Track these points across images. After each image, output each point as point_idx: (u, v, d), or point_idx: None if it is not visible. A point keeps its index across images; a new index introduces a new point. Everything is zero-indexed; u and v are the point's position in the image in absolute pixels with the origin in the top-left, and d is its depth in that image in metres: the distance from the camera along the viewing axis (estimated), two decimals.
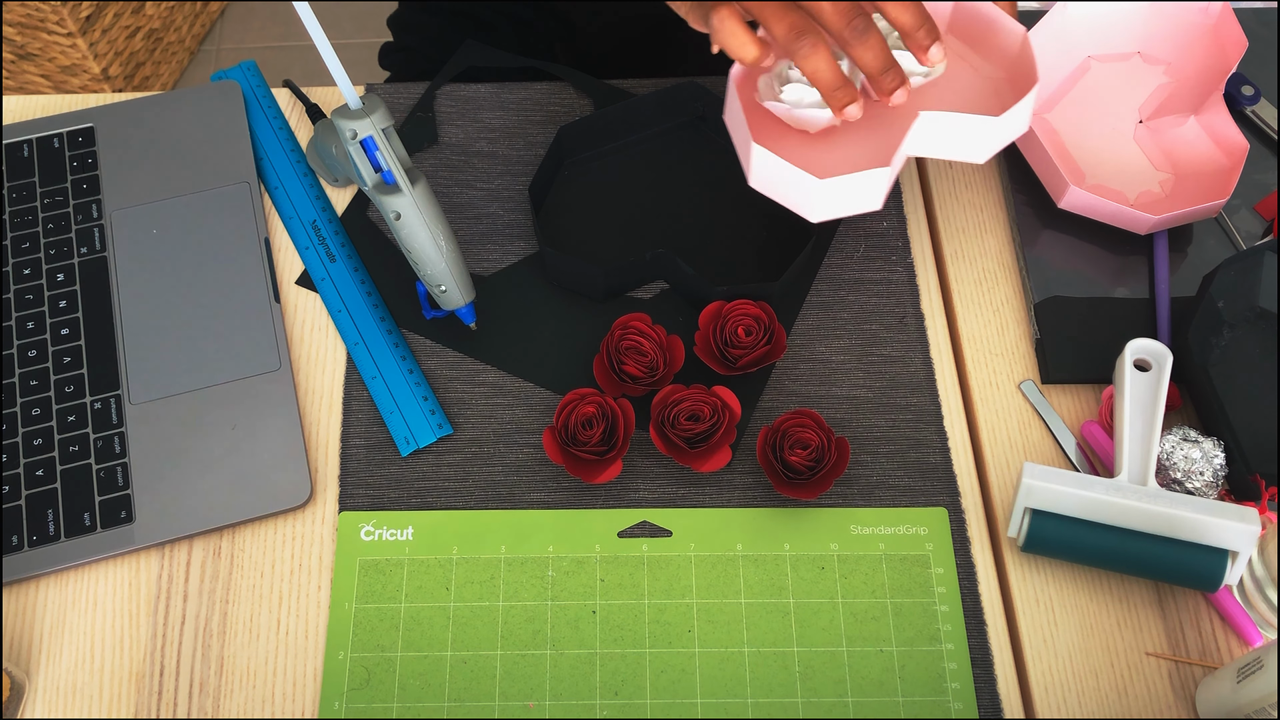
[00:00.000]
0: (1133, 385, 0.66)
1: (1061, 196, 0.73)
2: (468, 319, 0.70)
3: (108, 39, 1.69)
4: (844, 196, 0.64)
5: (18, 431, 0.67)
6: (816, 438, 0.65)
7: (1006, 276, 0.75)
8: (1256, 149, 0.78)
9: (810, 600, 0.64)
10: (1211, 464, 0.64)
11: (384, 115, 0.64)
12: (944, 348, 0.73)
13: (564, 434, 0.65)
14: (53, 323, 0.71)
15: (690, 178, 0.78)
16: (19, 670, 0.61)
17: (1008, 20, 0.68)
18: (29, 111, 0.81)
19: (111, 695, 0.62)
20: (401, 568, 0.65)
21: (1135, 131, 0.78)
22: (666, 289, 0.74)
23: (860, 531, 0.66)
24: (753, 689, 0.62)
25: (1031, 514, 0.63)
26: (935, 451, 0.69)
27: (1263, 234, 0.75)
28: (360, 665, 0.62)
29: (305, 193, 0.76)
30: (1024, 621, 0.64)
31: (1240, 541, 0.61)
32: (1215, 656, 0.63)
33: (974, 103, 0.68)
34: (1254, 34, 0.82)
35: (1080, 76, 0.79)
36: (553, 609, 0.64)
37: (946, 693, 0.62)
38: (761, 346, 0.68)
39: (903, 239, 0.76)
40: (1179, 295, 0.72)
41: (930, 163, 0.79)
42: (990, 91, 0.69)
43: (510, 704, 0.61)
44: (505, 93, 0.82)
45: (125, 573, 0.65)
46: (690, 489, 0.68)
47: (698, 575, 0.65)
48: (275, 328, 0.71)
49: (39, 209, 0.75)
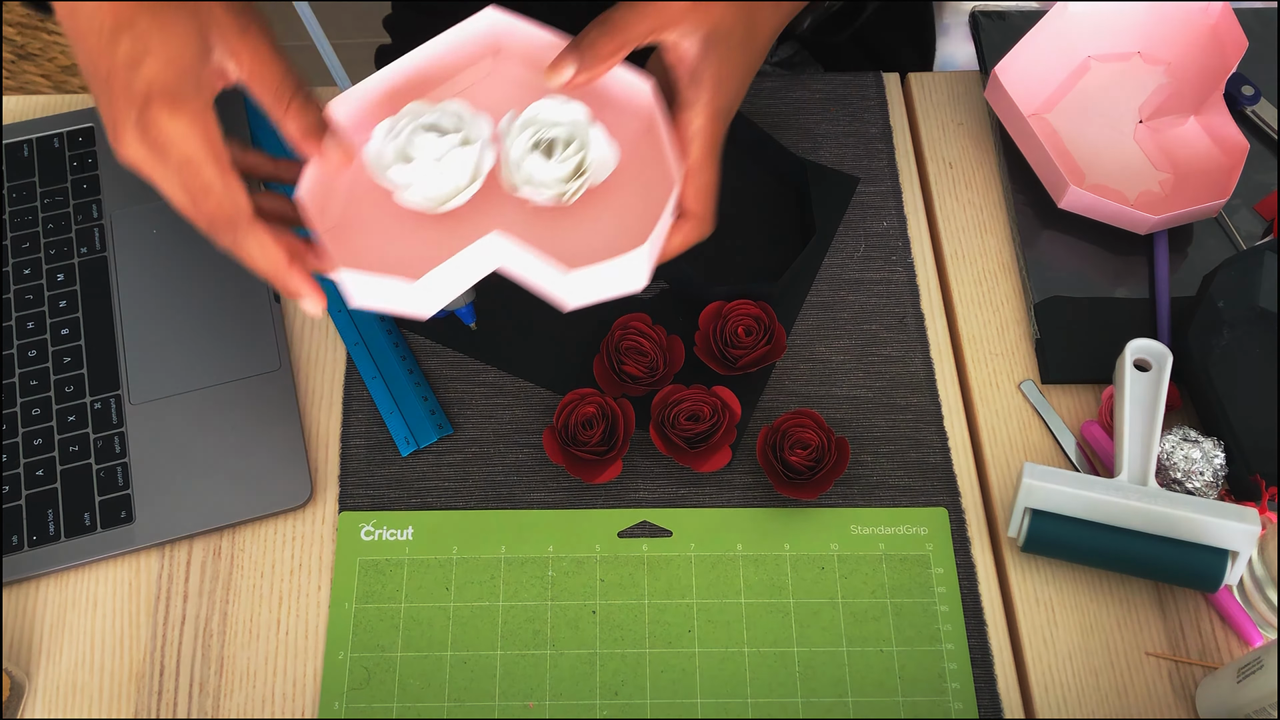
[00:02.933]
0: (1133, 385, 0.66)
1: (1061, 196, 0.73)
2: (468, 319, 0.70)
3: None
4: (382, 294, 0.54)
5: (18, 431, 0.67)
6: (816, 438, 0.65)
7: (1006, 276, 0.75)
8: (1256, 149, 0.78)
9: (810, 600, 0.64)
10: (1211, 464, 0.64)
11: None
12: (944, 348, 0.73)
13: (564, 434, 0.65)
14: (53, 323, 0.71)
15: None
16: (19, 670, 0.61)
17: (630, 80, 0.58)
18: (29, 111, 0.81)
19: (111, 695, 0.62)
20: (401, 568, 0.65)
21: (1135, 131, 0.78)
22: (666, 289, 0.74)
23: (860, 531, 0.66)
24: (753, 689, 0.62)
25: (1031, 514, 0.63)
26: (935, 451, 0.69)
27: (1263, 234, 0.75)
28: (360, 665, 0.62)
29: None
30: (1024, 621, 0.64)
31: (1240, 541, 0.61)
32: (1215, 656, 0.63)
33: (625, 226, 0.57)
34: (1254, 34, 0.82)
35: (1080, 76, 0.79)
36: (553, 609, 0.64)
37: (946, 693, 0.62)
38: (761, 346, 0.68)
39: (903, 239, 0.76)
40: (1179, 295, 0.72)
41: (930, 163, 0.79)
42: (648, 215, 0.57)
43: (510, 704, 0.61)
44: None
45: (125, 573, 0.65)
46: (690, 489, 0.68)
47: (698, 575, 0.65)
48: (275, 328, 0.71)
49: (39, 209, 0.75)
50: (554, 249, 0.55)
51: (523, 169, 0.55)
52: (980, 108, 0.82)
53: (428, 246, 0.56)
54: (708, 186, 0.58)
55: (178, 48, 0.51)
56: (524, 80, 0.60)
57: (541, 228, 0.57)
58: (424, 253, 0.56)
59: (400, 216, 0.57)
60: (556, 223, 0.57)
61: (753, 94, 0.81)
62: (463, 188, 0.55)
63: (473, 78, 0.61)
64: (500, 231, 0.53)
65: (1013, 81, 0.75)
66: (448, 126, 0.56)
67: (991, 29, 0.82)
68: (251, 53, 0.52)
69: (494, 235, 0.53)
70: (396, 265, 0.55)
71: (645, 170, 0.58)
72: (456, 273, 0.54)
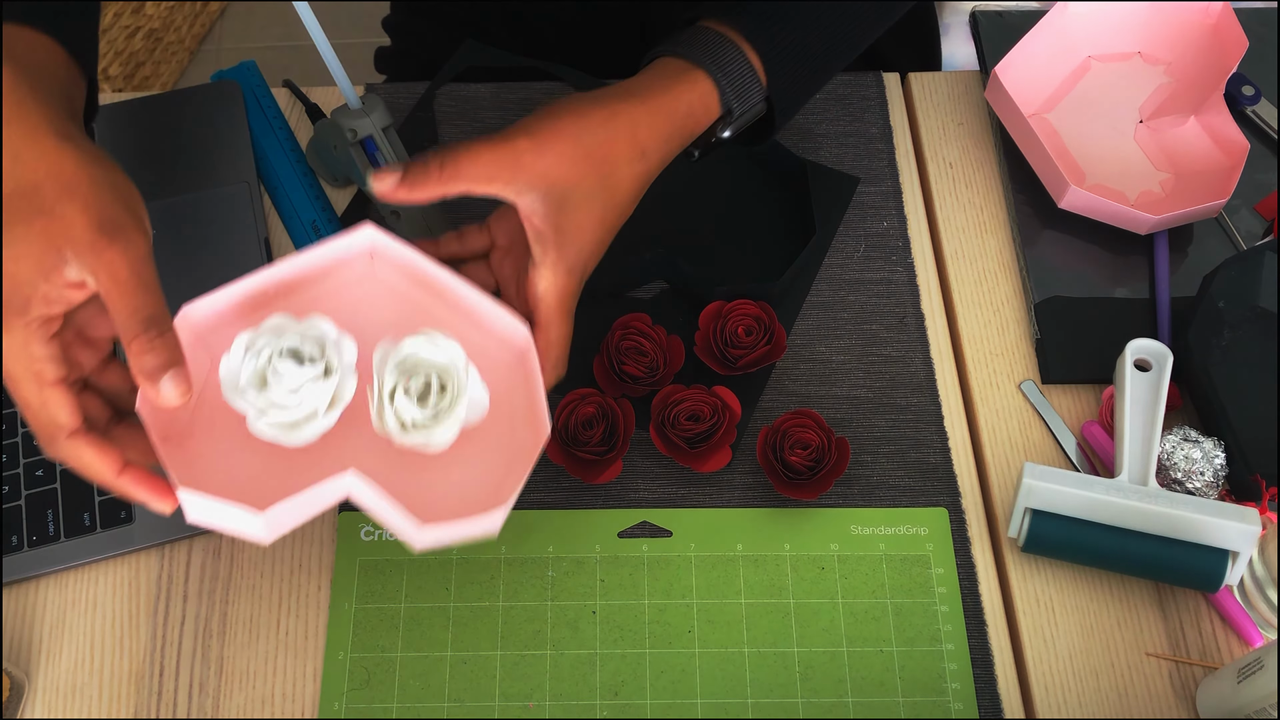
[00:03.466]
0: (1133, 385, 0.66)
1: (1061, 196, 0.73)
2: None
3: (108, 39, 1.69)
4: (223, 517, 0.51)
5: (17, 431, 0.67)
6: (817, 438, 0.65)
7: (1006, 276, 0.75)
8: (1256, 149, 0.78)
9: (810, 600, 0.64)
10: (1212, 464, 0.64)
11: (384, 115, 0.64)
12: (944, 348, 0.73)
13: (564, 434, 0.65)
14: None
15: (683, 177, 0.77)
16: (19, 670, 0.61)
17: (507, 320, 0.56)
18: None
19: (111, 695, 0.62)
20: (401, 568, 0.65)
21: (1135, 131, 0.78)
22: (666, 289, 0.74)
23: (860, 532, 0.66)
24: (753, 689, 0.62)
25: (1032, 514, 0.63)
26: (935, 451, 0.69)
27: (1263, 234, 0.75)
28: (360, 665, 0.62)
29: (305, 193, 0.76)
30: (1024, 621, 0.64)
31: (1240, 541, 0.61)
32: (1215, 656, 0.63)
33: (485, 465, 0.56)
34: (1254, 34, 0.82)
35: (1080, 76, 0.79)
36: (553, 609, 0.64)
37: (946, 693, 0.62)
38: (761, 346, 0.68)
39: (903, 239, 0.76)
40: (1179, 295, 0.72)
41: (930, 163, 0.79)
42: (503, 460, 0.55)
43: (510, 704, 0.61)
44: (505, 93, 0.82)
45: (125, 573, 0.65)
46: (690, 489, 0.68)
47: (698, 575, 0.65)
48: None
49: None
50: (412, 489, 0.53)
51: (389, 413, 0.52)
52: (980, 108, 0.82)
53: (278, 472, 0.53)
54: (558, 341, 0.58)
55: (15, 262, 0.49)
56: (398, 288, 0.58)
57: (402, 466, 0.54)
58: (273, 479, 0.52)
59: (251, 436, 0.53)
60: (418, 460, 0.55)
61: None
62: (318, 421, 0.52)
63: (347, 277, 0.58)
64: (356, 471, 0.50)
65: (1013, 81, 0.75)
66: (308, 352, 0.52)
67: (991, 29, 0.82)
68: (108, 275, 0.50)
69: (350, 474, 0.50)
70: (244, 487, 0.52)
71: (515, 412, 0.57)
72: (307, 505, 0.51)
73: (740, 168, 0.78)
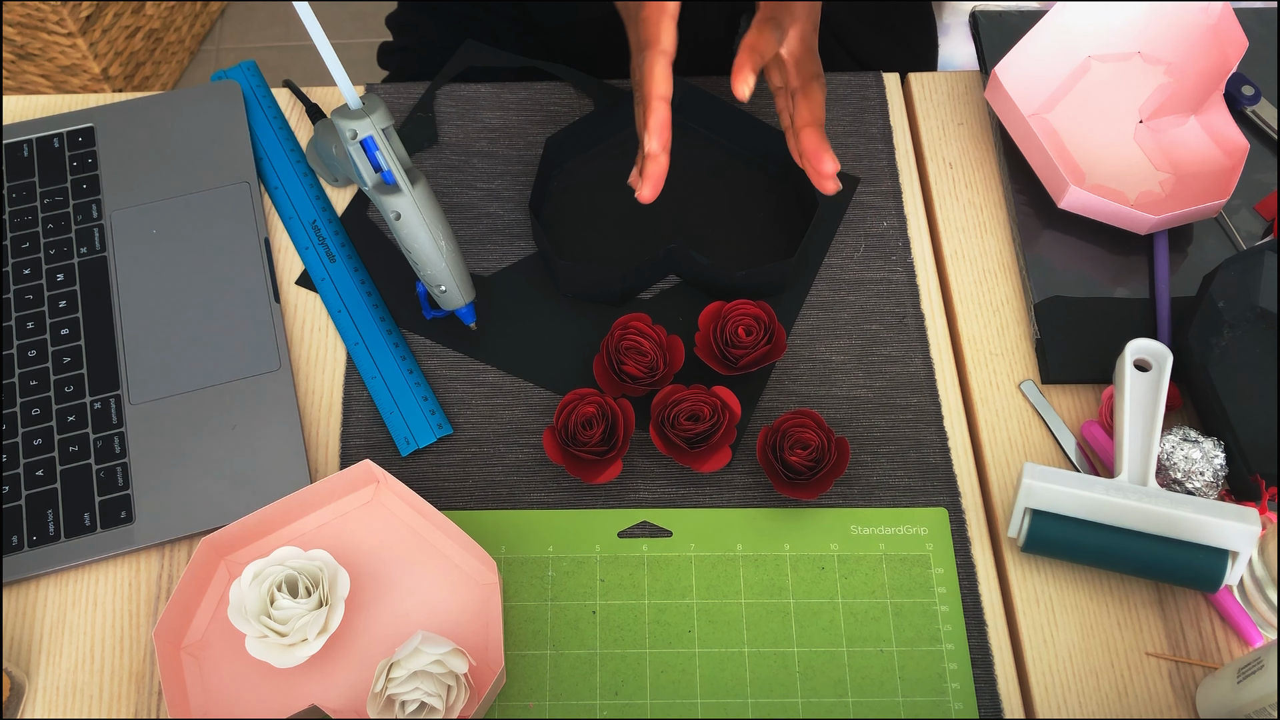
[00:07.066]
0: (1133, 385, 0.66)
1: (1061, 196, 0.73)
2: (468, 319, 0.70)
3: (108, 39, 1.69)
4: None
5: (18, 431, 0.67)
6: (816, 438, 0.65)
7: (1006, 276, 0.75)
8: (1256, 149, 0.78)
9: (810, 600, 0.64)
10: (1211, 464, 0.64)
11: (384, 115, 0.64)
12: (944, 348, 0.73)
13: (564, 434, 0.65)
14: (53, 323, 0.71)
15: (680, 169, 0.78)
16: (19, 670, 0.61)
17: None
18: (29, 111, 0.81)
19: (111, 695, 0.62)
20: None
21: (1135, 131, 0.78)
22: (667, 289, 0.74)
23: (860, 532, 0.66)
24: (753, 689, 0.62)
25: (1032, 514, 0.63)
26: (935, 452, 0.69)
27: (1263, 234, 0.75)
28: None
29: (305, 193, 0.76)
30: (1024, 621, 0.64)
31: (1240, 541, 0.61)
32: (1215, 656, 0.63)
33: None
34: (1254, 34, 0.82)
35: (1080, 76, 0.79)
36: (552, 609, 0.64)
37: (946, 693, 0.62)
38: (761, 346, 0.68)
39: (903, 239, 0.76)
40: (1179, 295, 0.72)
41: (930, 162, 0.79)
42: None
43: (510, 704, 0.61)
44: (505, 93, 0.82)
45: (125, 573, 0.65)
46: (690, 489, 0.68)
47: (698, 575, 0.65)
48: (275, 328, 0.71)
49: (39, 209, 0.75)
50: None
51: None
52: (980, 108, 0.82)
53: (261, 692, 0.61)
54: None
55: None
56: (398, 513, 0.65)
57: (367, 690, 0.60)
58: (256, 697, 0.60)
59: (246, 654, 0.61)
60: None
61: (756, 94, 0.81)
62: (306, 648, 0.59)
63: (355, 503, 0.65)
64: (316, 706, 0.57)
65: (1013, 81, 0.76)
66: (307, 584, 0.60)
67: (991, 29, 0.82)
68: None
69: (312, 708, 0.56)
70: (234, 699, 0.60)
71: (473, 637, 0.62)
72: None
73: (742, 169, 0.78)
